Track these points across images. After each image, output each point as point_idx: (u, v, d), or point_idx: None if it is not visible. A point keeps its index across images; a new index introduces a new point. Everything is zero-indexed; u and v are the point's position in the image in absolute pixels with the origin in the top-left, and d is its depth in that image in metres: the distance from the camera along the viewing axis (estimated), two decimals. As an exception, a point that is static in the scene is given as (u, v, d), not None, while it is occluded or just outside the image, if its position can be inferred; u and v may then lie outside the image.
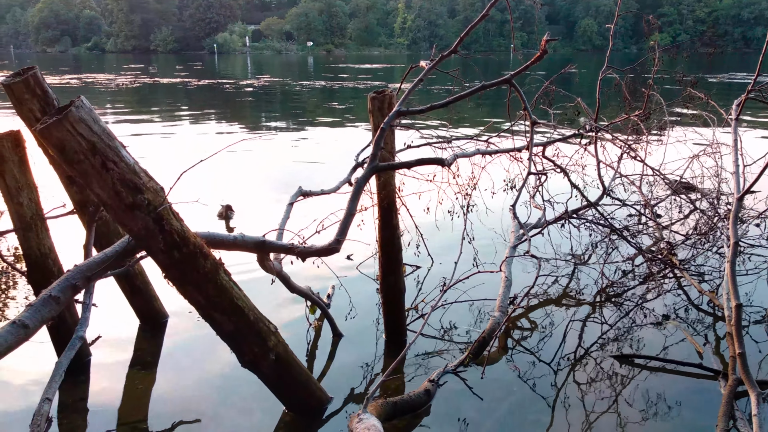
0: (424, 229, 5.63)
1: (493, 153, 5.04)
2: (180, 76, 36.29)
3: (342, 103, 21.88)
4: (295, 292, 4.06)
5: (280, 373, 3.06)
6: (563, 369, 3.75)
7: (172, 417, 3.30)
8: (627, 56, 52.82)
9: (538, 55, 3.33)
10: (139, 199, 2.39)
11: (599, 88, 5.91)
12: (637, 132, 6.63)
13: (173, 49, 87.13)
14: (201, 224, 3.13)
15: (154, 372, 3.81)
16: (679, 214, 6.46)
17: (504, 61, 52.29)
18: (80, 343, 3.08)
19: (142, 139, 12.64)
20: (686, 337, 4.08)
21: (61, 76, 35.03)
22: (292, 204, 4.14)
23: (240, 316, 2.83)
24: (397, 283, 3.97)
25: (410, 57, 66.00)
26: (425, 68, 3.69)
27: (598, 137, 5.78)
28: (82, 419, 3.31)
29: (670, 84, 8.63)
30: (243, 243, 3.11)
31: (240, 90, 27.17)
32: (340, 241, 3.13)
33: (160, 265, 2.65)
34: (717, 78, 27.22)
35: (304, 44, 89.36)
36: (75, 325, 3.25)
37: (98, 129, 2.27)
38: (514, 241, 4.95)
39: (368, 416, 2.75)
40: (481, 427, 3.19)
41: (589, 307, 4.66)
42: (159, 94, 25.81)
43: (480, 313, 4.48)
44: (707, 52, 30.69)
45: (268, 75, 38.55)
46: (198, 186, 6.87)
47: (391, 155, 3.70)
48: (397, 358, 3.28)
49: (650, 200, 6.30)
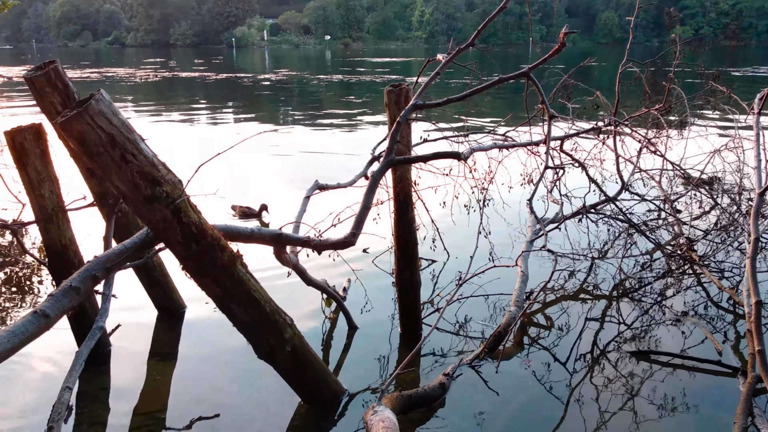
0: (440, 223, 5.63)
1: (510, 147, 5.01)
2: (199, 69, 36.53)
3: (359, 96, 21.89)
4: (311, 285, 4.08)
5: (296, 364, 3.09)
6: (579, 364, 3.73)
7: (190, 407, 3.34)
8: (648, 49, 52.11)
9: (557, 48, 3.30)
10: (157, 191, 2.42)
11: (619, 81, 5.85)
12: (657, 126, 6.56)
13: (192, 43, 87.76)
14: (218, 217, 3.16)
15: (172, 363, 3.86)
16: (699, 210, 6.39)
17: (522, 55, 51.88)
18: (100, 333, 3.12)
19: (160, 132, 12.76)
20: (705, 335, 4.04)
21: (82, 69, 35.45)
22: (308, 197, 4.15)
23: (256, 308, 2.85)
24: (413, 277, 3.97)
25: (428, 50, 65.75)
26: (442, 62, 3.67)
27: (617, 131, 5.72)
28: (102, 408, 3.36)
29: (691, 78, 8.52)
30: (260, 236, 3.13)
31: (258, 84, 27.31)
32: (355, 234, 3.14)
33: (178, 257, 2.68)
34: (740, 71, 26.77)
35: (321, 38, 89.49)
36: (95, 315, 3.29)
37: (117, 122, 2.29)
38: (531, 236, 4.92)
39: (383, 409, 2.76)
40: (496, 420, 3.19)
41: (606, 303, 4.63)
42: (178, 87, 26.02)
43: (496, 307, 4.47)
44: (730, 45, 30.23)
45: (286, 69, 38.67)
46: (216, 179, 6.92)
47: (407, 149, 3.70)
48: (412, 352, 3.28)
49: (670, 195, 6.23)
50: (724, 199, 6.05)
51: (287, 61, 49.86)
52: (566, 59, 26.12)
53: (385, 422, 2.60)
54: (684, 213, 6.37)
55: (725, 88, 6.24)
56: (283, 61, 50.00)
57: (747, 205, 5.61)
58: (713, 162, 6.39)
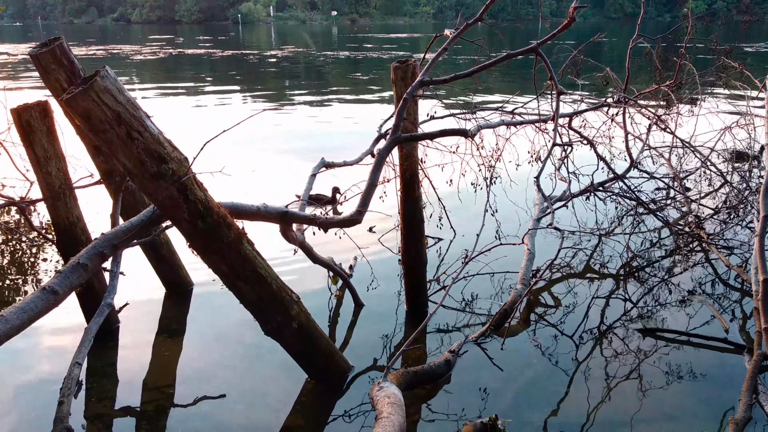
0: (447, 201, 5.61)
1: (517, 124, 4.97)
2: (204, 46, 36.32)
3: (366, 73, 21.73)
4: (317, 262, 4.10)
5: (303, 341, 3.11)
6: (585, 341, 3.74)
7: (197, 383, 3.38)
8: (660, 24, 51.37)
9: (566, 23, 3.25)
10: (163, 168, 2.42)
11: (629, 57, 5.76)
12: (667, 103, 6.48)
13: (198, 20, 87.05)
14: (225, 194, 3.16)
15: (180, 339, 3.89)
16: (708, 187, 6.34)
17: (532, 30, 51.24)
18: (108, 309, 3.16)
19: (166, 110, 12.73)
20: (712, 313, 4.03)
21: (87, 47, 35.33)
22: (314, 175, 4.15)
23: (263, 285, 2.86)
24: (419, 255, 3.97)
25: (436, 26, 65.00)
26: (449, 37, 3.63)
27: (627, 108, 5.66)
28: (111, 383, 3.41)
29: (703, 53, 8.39)
30: (266, 213, 3.13)
31: (264, 60, 27.14)
32: (361, 212, 3.13)
33: (185, 234, 2.69)
34: (753, 47, 26.32)
35: (328, 14, 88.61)
36: (103, 292, 3.33)
37: (123, 99, 2.28)
38: (538, 214, 4.90)
39: (389, 385, 2.78)
40: (501, 397, 3.21)
41: (613, 281, 4.62)
42: (183, 65, 25.90)
43: (502, 285, 4.47)
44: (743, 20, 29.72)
45: (292, 45, 38.38)
46: (222, 156, 6.91)
47: (413, 126, 3.67)
48: (417, 329, 3.30)
49: (679, 173, 6.18)
50: (734, 176, 6.00)
51: (293, 38, 49.47)
52: (576, 35, 25.79)
53: (391, 398, 2.62)
54: (693, 191, 6.32)
55: (737, 63, 6.15)
56: (289, 38, 49.60)
57: (757, 183, 5.56)
58: (723, 139, 6.33)
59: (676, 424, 3.02)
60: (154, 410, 3.17)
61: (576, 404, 3.16)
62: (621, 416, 3.05)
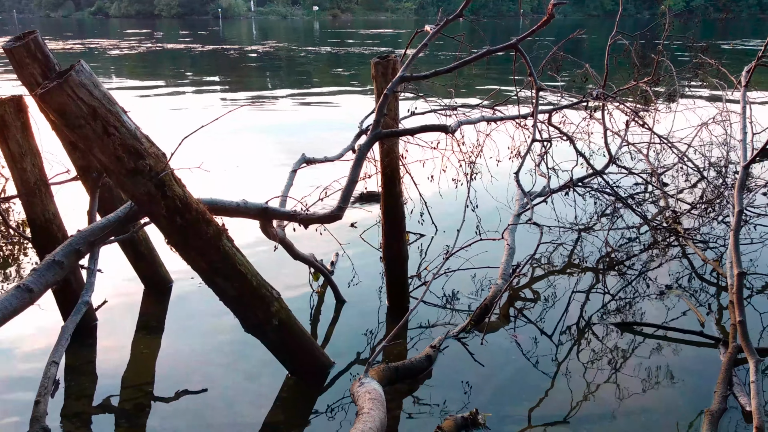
0: (428, 197, 5.62)
1: (498, 120, 5.00)
2: (184, 41, 35.93)
3: (347, 69, 21.67)
4: (298, 259, 4.08)
5: (283, 338, 3.10)
6: (565, 336, 3.77)
7: (177, 380, 3.36)
8: (639, 22, 51.85)
9: (545, 20, 3.26)
10: (140, 164, 2.39)
11: (608, 54, 5.81)
12: (645, 99, 6.56)
13: (177, 14, 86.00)
14: (205, 190, 3.13)
15: (159, 336, 3.86)
16: (686, 183, 6.42)
17: (512, 26, 51.45)
18: (85, 307, 3.12)
19: (144, 105, 12.58)
20: (688, 306, 4.09)
21: (64, 41, 34.76)
22: (295, 171, 4.13)
23: (243, 281, 2.85)
24: (400, 251, 3.98)
25: (417, 22, 64.99)
26: (430, 33, 3.63)
27: (606, 104, 5.71)
28: (89, 381, 3.37)
29: (681, 51, 8.49)
30: (246, 209, 3.12)
31: (245, 56, 26.93)
32: (342, 208, 3.13)
33: (163, 230, 2.66)
34: (730, 45, 26.67)
35: (309, 9, 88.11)
36: (80, 290, 3.29)
37: (99, 94, 2.25)
38: (518, 209, 4.94)
39: (369, 380, 2.79)
40: (482, 391, 3.23)
41: (593, 276, 4.67)
42: (163, 59, 25.61)
43: (482, 281, 4.49)
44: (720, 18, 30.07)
45: (274, 40, 38.12)
46: (202, 152, 6.84)
47: (394, 122, 3.67)
48: (398, 324, 3.30)
49: (657, 169, 6.26)
50: (710, 172, 6.08)
51: (275, 33, 49.14)
52: (557, 31, 25.91)
53: (372, 393, 2.63)
54: (671, 186, 6.40)
55: (714, 60, 6.23)
56: (270, 33, 49.26)
57: (732, 178, 5.65)
58: (700, 135, 6.41)
59: (654, 416, 3.05)
60: (133, 407, 3.14)
61: (555, 397, 3.19)
62: (600, 409, 3.09)
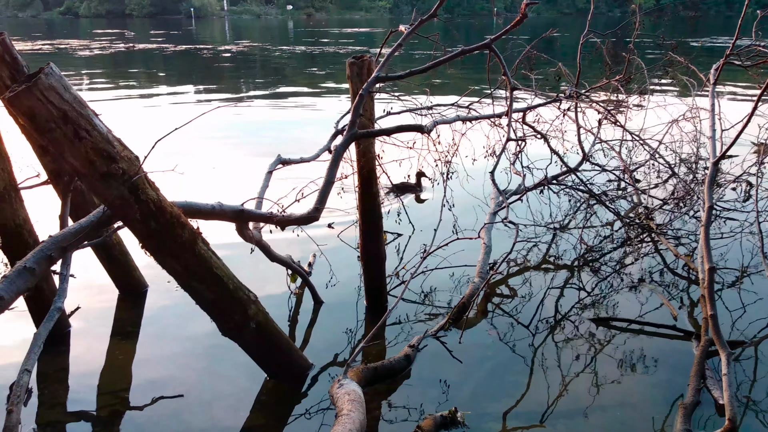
0: (405, 196, 5.63)
1: (473, 119, 5.02)
2: (156, 41, 35.46)
3: (322, 68, 21.59)
4: (275, 260, 4.06)
5: (261, 341, 3.08)
6: (541, 332, 3.81)
7: (154, 386, 3.32)
8: (610, 20, 52.51)
9: (518, 20, 3.29)
10: (113, 168, 2.36)
11: (580, 52, 5.89)
12: (617, 97, 6.65)
13: (149, 14, 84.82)
14: (180, 193, 3.10)
15: (135, 342, 3.81)
16: (657, 179, 6.53)
17: (487, 25, 51.77)
18: (58, 314, 3.06)
19: (117, 108, 12.39)
20: (662, 300, 4.16)
21: (33, 41, 34.06)
22: (271, 172, 4.10)
23: (219, 285, 2.83)
24: (378, 251, 3.98)
25: (392, 21, 65.05)
26: (404, 33, 3.63)
27: (578, 102, 5.78)
28: (63, 389, 3.31)
29: (652, 48, 8.63)
30: (221, 212, 3.09)
31: (218, 55, 26.68)
32: (319, 209, 3.12)
33: (137, 235, 2.63)
34: (699, 42, 27.17)
35: (283, 8, 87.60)
36: (53, 296, 3.22)
37: (69, 97, 2.22)
38: (494, 208, 4.97)
39: (348, 382, 2.79)
40: (461, 389, 3.25)
41: (568, 272, 4.72)
42: (135, 60, 25.25)
43: (460, 279, 4.52)
44: (690, 16, 30.61)
45: (248, 40, 37.83)
46: (178, 154, 6.77)
47: (370, 122, 3.67)
48: (377, 325, 3.30)
49: (629, 165, 6.35)
50: (681, 168, 6.19)
51: (248, 32, 48.75)
52: (531, 30, 26.15)
53: (351, 395, 2.63)
54: (643, 182, 6.50)
55: (683, 58, 6.34)
56: (244, 32, 48.86)
57: (703, 174, 5.76)
58: (671, 132, 6.52)
59: (630, 409, 3.11)
60: (109, 414, 3.10)
61: (533, 393, 3.22)
62: (577, 403, 3.13)
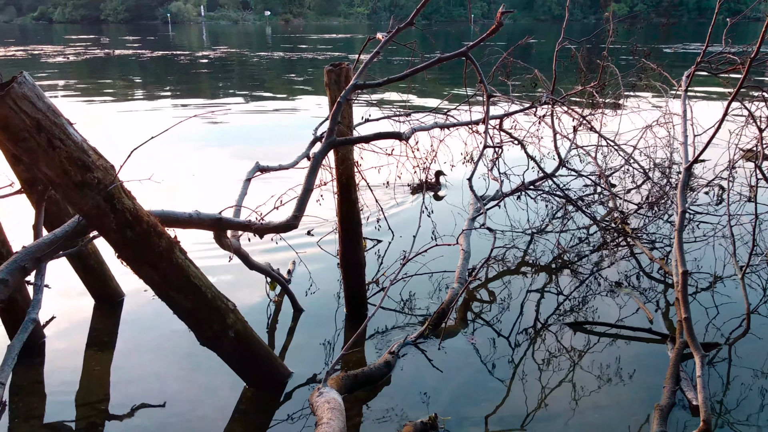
0: (385, 202, 5.64)
1: (450, 126, 5.06)
2: (132, 47, 35.14)
3: (301, 74, 21.57)
4: (254, 269, 4.04)
5: (240, 350, 3.06)
6: (520, 337, 3.84)
7: (132, 396, 3.27)
8: (586, 26, 53.21)
9: (494, 28, 3.33)
10: (88, 177, 2.34)
11: (555, 59, 5.96)
12: (592, 103, 6.74)
13: (124, 19, 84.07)
14: (158, 202, 3.07)
15: (111, 352, 3.76)
16: (632, 184, 6.63)
17: (465, 32, 52.16)
18: (33, 325, 3.01)
19: (92, 115, 12.25)
20: (638, 304, 4.22)
21: (6, 47, 33.54)
22: (249, 180, 4.09)
23: (197, 294, 2.81)
24: (358, 258, 3.98)
25: (370, 27, 65.27)
26: (382, 41, 3.65)
27: (554, 109, 5.85)
28: (38, 401, 3.26)
29: (626, 55, 8.76)
30: (199, 221, 3.07)
31: (195, 62, 26.50)
32: (297, 217, 3.12)
33: (113, 244, 2.60)
34: (672, 48, 27.71)
35: (261, 14, 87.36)
36: (27, 307, 3.16)
37: (43, 106, 2.20)
38: (473, 214, 5.01)
39: (328, 390, 2.78)
40: (441, 395, 3.26)
41: (546, 277, 4.77)
42: (110, 66, 24.97)
43: (439, 285, 4.54)
44: (662, 23, 31.07)
45: (225, 46, 37.64)
46: (155, 162, 6.71)
47: (348, 129, 3.68)
48: (357, 332, 3.31)
49: (605, 170, 6.44)
50: (655, 172, 6.30)
51: (226, 38, 48.51)
52: (508, 36, 26.43)
53: (331, 403, 2.62)
54: (618, 187, 6.60)
55: (656, 65, 6.46)
56: (221, 38, 48.61)
57: (676, 178, 5.85)
58: (645, 137, 6.63)
59: (607, 412, 3.14)
60: (86, 426, 3.05)
61: (513, 398, 3.24)
62: (556, 407, 3.15)
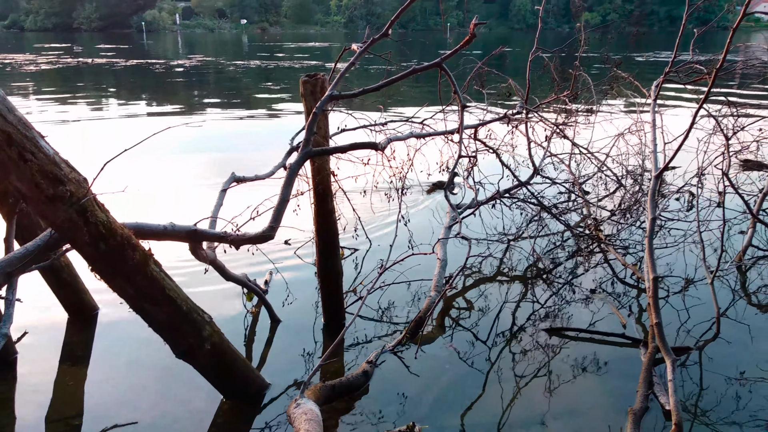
0: (362, 211, 5.66)
1: (426, 136, 5.09)
2: (106, 56, 34.75)
3: (277, 83, 21.52)
4: (230, 280, 4.02)
5: (216, 362, 3.05)
6: (497, 344, 3.88)
7: (106, 411, 3.23)
8: (559, 35, 54.01)
9: (467, 39, 3.37)
10: (60, 190, 2.32)
11: (529, 68, 6.05)
12: (566, 111, 6.85)
13: (98, 27, 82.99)
14: (130, 214, 3.05)
15: (85, 367, 3.70)
16: (605, 191, 6.73)
17: (441, 41, 52.47)
18: (4, 340, 2.98)
19: (65, 126, 12.08)
20: (612, 309, 4.29)
21: (-25, 56, 32.92)
22: (225, 190, 4.07)
23: (172, 306, 2.79)
24: (335, 267, 3.99)
25: (347, 36, 65.43)
26: (357, 52, 3.67)
27: (528, 118, 5.93)
28: (9, 419, 3.19)
29: (599, 63, 8.93)
30: (174, 232, 3.05)
31: (171, 70, 26.29)
32: (274, 228, 3.12)
33: (86, 258, 2.58)
34: (643, 57, 28.26)
35: (237, 22, 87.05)
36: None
37: (13, 119, 2.18)
38: (449, 222, 5.04)
39: (306, 401, 2.78)
40: (420, 403, 3.27)
41: (521, 284, 4.82)
42: (84, 76, 24.65)
43: (417, 293, 4.56)
44: (634, 32, 31.70)
45: (201, 54, 37.43)
46: (127, 174, 6.65)
47: (324, 140, 3.69)
48: (334, 342, 3.31)
49: (578, 178, 6.53)
50: (627, 180, 6.41)
51: (202, 47, 48.23)
52: (483, 45, 26.67)
53: (308, 414, 2.62)
54: (591, 194, 6.70)
55: (627, 74, 6.58)
56: (197, 47, 48.31)
57: (648, 186, 5.96)
58: (618, 145, 6.75)
59: (583, 417, 3.19)
60: (59, 444, 3.00)
61: (490, 405, 3.27)
62: (533, 413, 3.19)
